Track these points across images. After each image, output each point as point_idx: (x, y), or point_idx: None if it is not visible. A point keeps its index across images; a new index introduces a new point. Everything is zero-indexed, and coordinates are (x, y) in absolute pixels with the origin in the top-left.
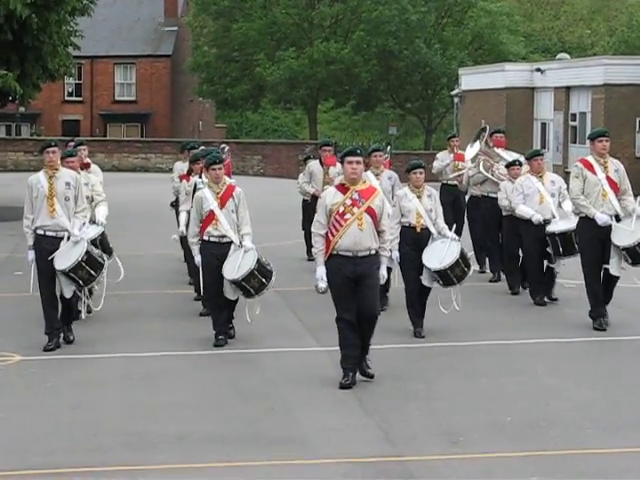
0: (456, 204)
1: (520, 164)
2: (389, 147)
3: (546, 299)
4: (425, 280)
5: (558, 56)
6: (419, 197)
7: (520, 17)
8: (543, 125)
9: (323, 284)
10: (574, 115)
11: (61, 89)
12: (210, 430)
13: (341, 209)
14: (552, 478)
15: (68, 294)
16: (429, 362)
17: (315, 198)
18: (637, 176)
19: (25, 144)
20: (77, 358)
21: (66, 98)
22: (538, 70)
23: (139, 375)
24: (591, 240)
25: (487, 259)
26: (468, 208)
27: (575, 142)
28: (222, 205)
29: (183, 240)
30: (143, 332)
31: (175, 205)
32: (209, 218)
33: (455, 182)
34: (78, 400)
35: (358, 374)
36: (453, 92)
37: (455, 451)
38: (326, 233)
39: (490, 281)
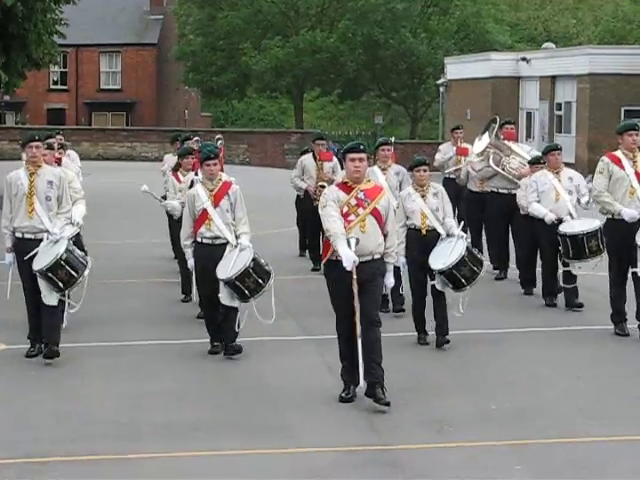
0: (459, 199)
1: (544, 162)
2: (392, 139)
3: (561, 303)
4: (438, 284)
5: (544, 45)
6: (423, 196)
7: (506, 6)
8: (529, 114)
9: (352, 257)
10: (559, 104)
11: (46, 77)
12: (196, 419)
13: (345, 209)
14: (537, 467)
15: (51, 300)
16: (415, 351)
17: (308, 194)
18: None
19: (10, 133)
20: (62, 347)
21: (51, 87)
22: (524, 59)
23: (125, 364)
24: (620, 242)
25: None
26: (467, 204)
27: (560, 131)
28: (216, 203)
29: (172, 228)
30: (128, 321)
31: (165, 199)
32: (202, 217)
33: (453, 176)
34: (63, 389)
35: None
36: (439, 81)
37: (440, 440)
38: (326, 237)
39: (496, 279)
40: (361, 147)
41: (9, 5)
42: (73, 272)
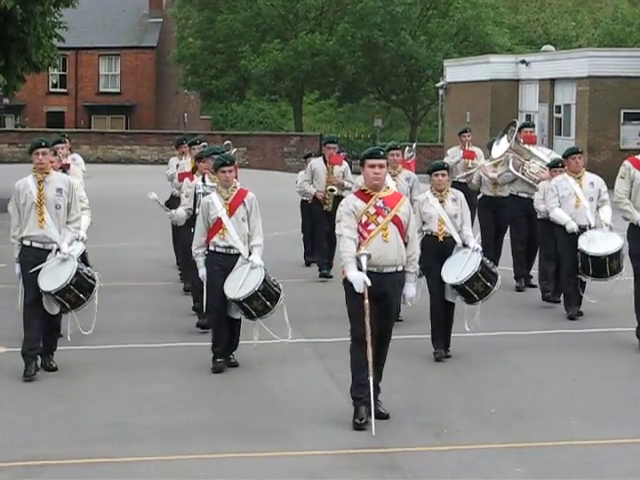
0: (470, 204)
1: (563, 165)
2: (414, 145)
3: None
4: (448, 294)
5: (543, 48)
6: (442, 202)
7: (505, 9)
8: (528, 117)
9: (361, 280)
10: (559, 107)
11: (45, 81)
12: (194, 422)
13: (364, 218)
14: (536, 469)
15: (53, 310)
16: (413, 354)
17: (316, 199)
18: None
19: (9, 136)
20: (60, 350)
21: (50, 90)
22: (523, 62)
23: (122, 366)
24: None
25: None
26: (479, 210)
27: (560, 134)
28: (231, 212)
29: (177, 243)
30: (127, 323)
31: (169, 205)
32: (216, 227)
33: (465, 180)
34: (61, 392)
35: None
36: (438, 84)
37: (439, 442)
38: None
39: (517, 290)
40: (381, 153)
41: (9, 8)
42: (81, 295)
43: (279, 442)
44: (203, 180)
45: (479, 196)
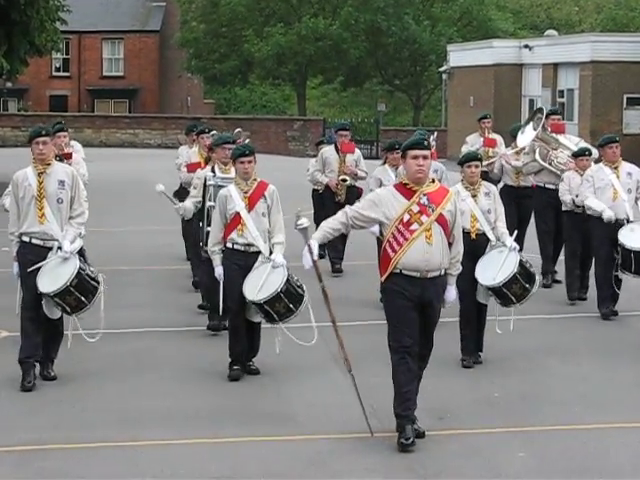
0: None
1: (590, 153)
2: (435, 134)
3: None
4: (479, 295)
5: (546, 33)
6: (474, 196)
7: None
8: (531, 102)
9: (305, 220)
10: (562, 92)
11: (48, 64)
12: (196, 406)
13: (406, 217)
14: (540, 453)
15: (54, 314)
16: None
17: (329, 189)
18: (624, 153)
19: (12, 120)
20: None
21: (53, 73)
22: (526, 47)
23: (126, 351)
24: None
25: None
26: (502, 199)
27: (563, 119)
28: (251, 207)
29: (186, 229)
30: (130, 308)
31: (177, 195)
32: (234, 222)
33: (486, 169)
34: (63, 376)
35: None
36: (441, 69)
37: (442, 427)
38: (384, 246)
39: (544, 286)
40: (425, 143)
41: None
42: (83, 297)
43: (283, 427)
44: (213, 171)
45: (500, 185)
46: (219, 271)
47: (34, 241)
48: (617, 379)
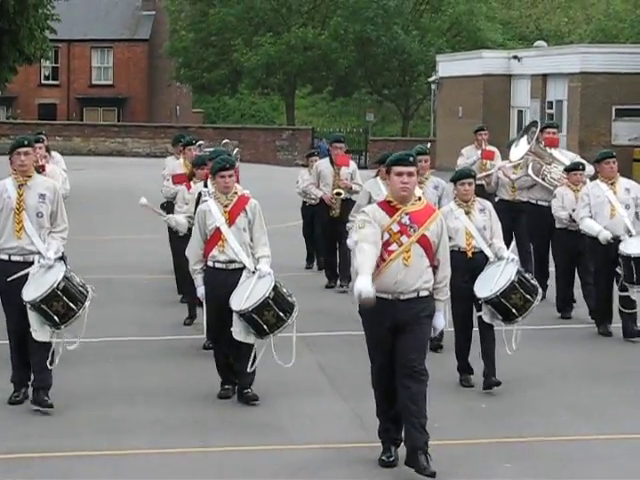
0: None
1: (583, 168)
2: (429, 144)
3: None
4: (485, 315)
5: (535, 44)
6: (468, 213)
7: (497, 4)
8: (520, 113)
9: (365, 288)
10: (551, 103)
11: (37, 72)
12: (185, 415)
13: (385, 236)
14: (526, 464)
15: (42, 336)
16: None
17: (324, 203)
18: None
19: (0, 128)
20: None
21: (42, 82)
22: (515, 57)
23: (114, 360)
24: None
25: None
26: (497, 214)
27: None
28: (231, 221)
29: (174, 243)
30: (118, 317)
31: (165, 207)
32: (214, 238)
33: (482, 182)
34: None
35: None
36: (430, 79)
37: (430, 438)
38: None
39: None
40: (410, 159)
41: (1, 0)
42: (71, 304)
43: (270, 437)
44: (205, 185)
45: (495, 199)
46: (201, 292)
47: (14, 258)
48: (603, 390)
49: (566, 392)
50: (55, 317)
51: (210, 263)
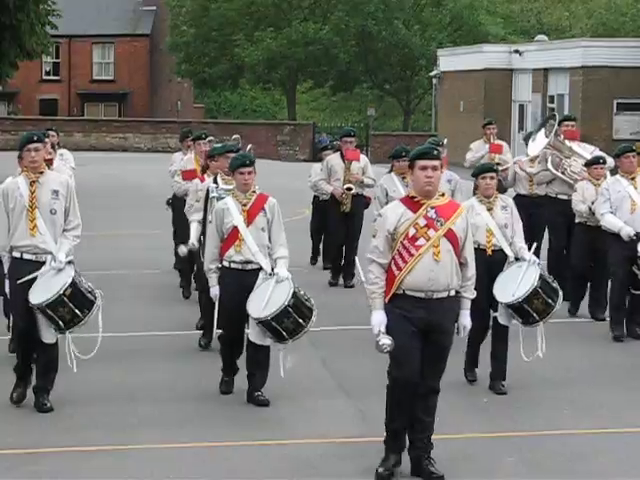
0: None
1: (604, 162)
2: (445, 140)
3: (638, 330)
4: (501, 317)
5: (536, 38)
6: (490, 210)
7: None
8: (521, 107)
9: (387, 340)
10: (552, 97)
11: (39, 68)
12: (187, 410)
13: (411, 231)
14: (529, 458)
15: (49, 338)
16: None
17: (334, 198)
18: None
19: (2, 123)
20: None
21: (44, 77)
22: (516, 52)
23: (117, 355)
24: None
25: None
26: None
27: None
28: (249, 221)
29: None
30: (121, 312)
31: (171, 203)
32: (231, 237)
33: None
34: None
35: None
36: (432, 73)
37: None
38: (389, 264)
39: None
40: (435, 152)
41: None
42: (77, 310)
43: (271, 431)
44: (215, 181)
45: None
46: (214, 292)
47: (26, 256)
48: (606, 384)
49: (569, 386)
50: (60, 322)
51: (226, 263)
